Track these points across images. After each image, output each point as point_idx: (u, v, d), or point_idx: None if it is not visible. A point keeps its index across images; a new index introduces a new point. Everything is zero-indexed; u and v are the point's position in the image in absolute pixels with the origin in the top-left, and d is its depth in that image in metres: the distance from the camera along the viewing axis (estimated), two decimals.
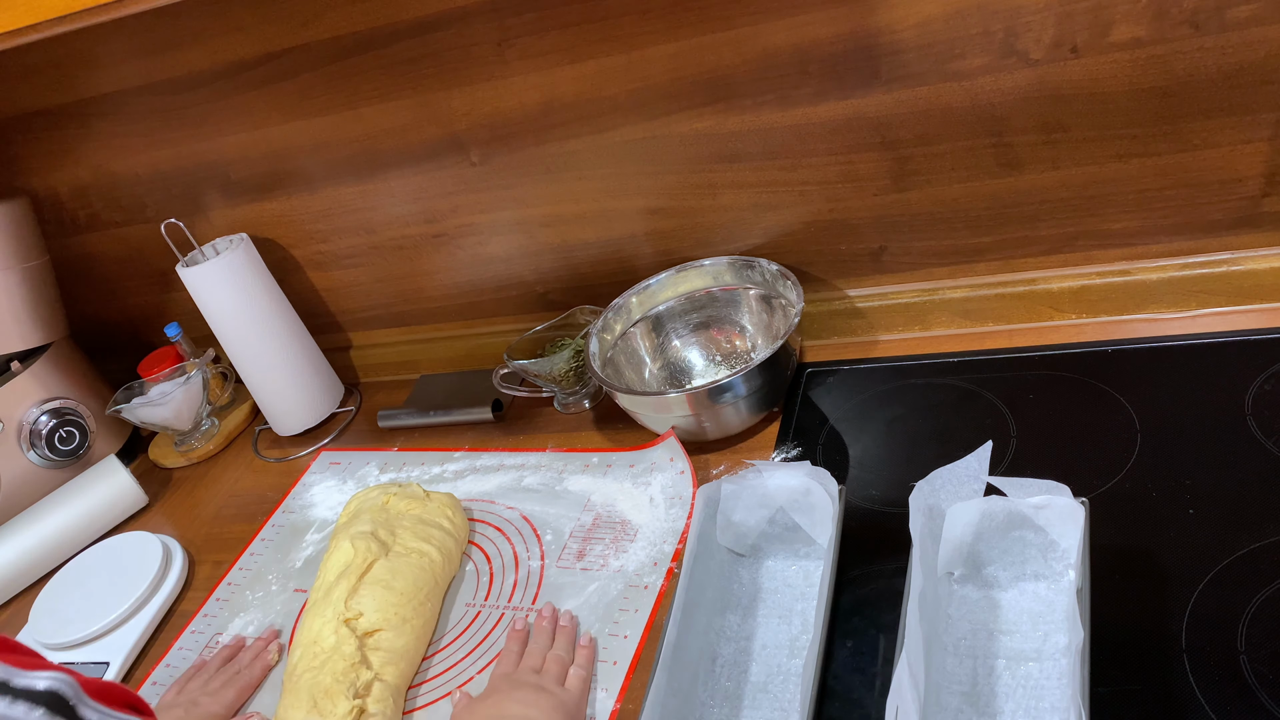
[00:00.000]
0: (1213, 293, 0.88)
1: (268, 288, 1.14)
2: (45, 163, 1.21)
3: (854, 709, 0.66)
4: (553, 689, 0.74)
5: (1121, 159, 0.85)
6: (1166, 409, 0.81)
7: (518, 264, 1.12)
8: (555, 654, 0.78)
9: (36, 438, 1.16)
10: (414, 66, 0.98)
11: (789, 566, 0.78)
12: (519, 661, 0.78)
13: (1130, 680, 0.62)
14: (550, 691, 0.73)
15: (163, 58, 1.06)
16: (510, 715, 0.71)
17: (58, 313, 1.23)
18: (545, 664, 0.77)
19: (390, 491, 0.95)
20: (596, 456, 0.99)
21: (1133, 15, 0.77)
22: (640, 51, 0.91)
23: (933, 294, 0.98)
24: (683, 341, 1.05)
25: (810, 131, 0.91)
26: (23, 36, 0.73)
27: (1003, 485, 0.68)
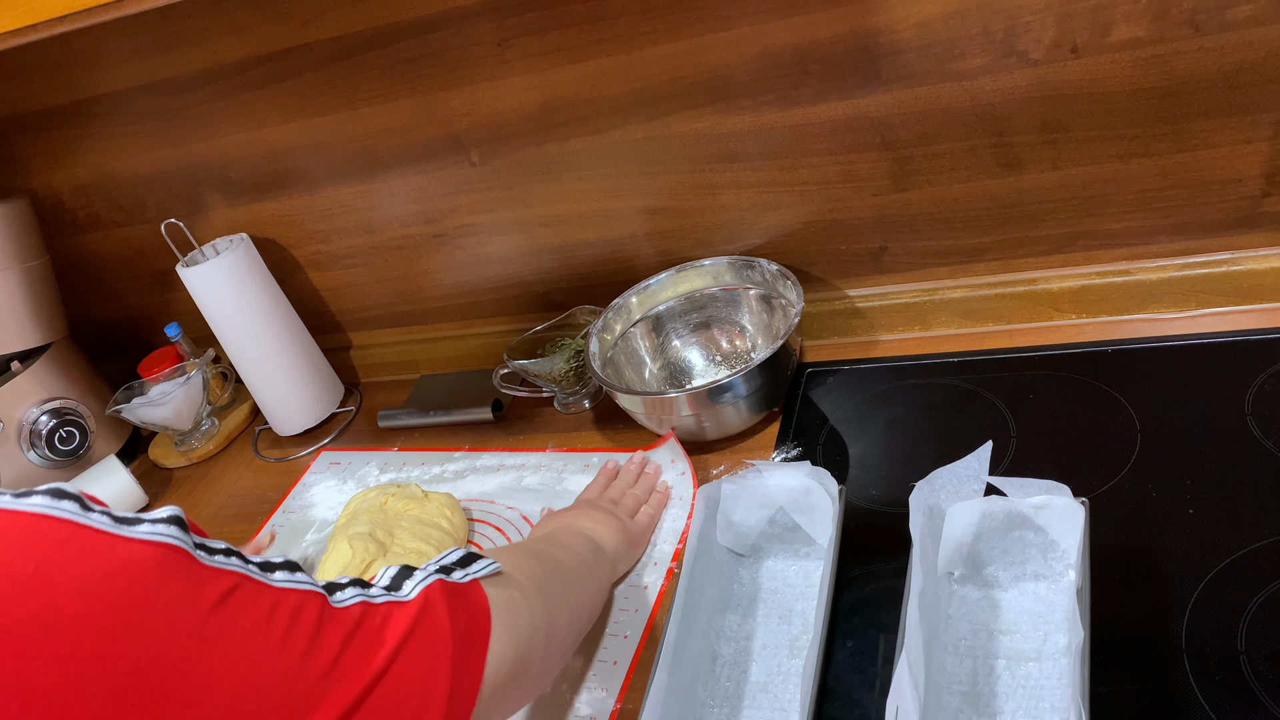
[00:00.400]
0: (1213, 293, 0.88)
1: (268, 288, 1.14)
2: (45, 163, 1.21)
3: (854, 709, 0.66)
4: (623, 517, 0.84)
5: (1121, 159, 0.85)
6: (1166, 409, 0.81)
7: (518, 264, 1.12)
8: (633, 492, 0.89)
9: (36, 438, 1.16)
10: (414, 66, 0.98)
11: (789, 566, 0.78)
12: (602, 492, 0.90)
13: (1130, 680, 0.62)
14: (620, 519, 0.84)
15: (163, 58, 1.06)
16: (580, 525, 0.81)
17: (58, 313, 1.23)
18: (622, 497, 0.88)
19: (389, 492, 0.95)
20: (596, 456, 0.99)
21: (1133, 15, 0.77)
22: (640, 51, 0.91)
23: (933, 294, 0.98)
24: (683, 341, 1.05)
25: (810, 131, 0.91)
26: (23, 36, 0.73)
27: (1003, 485, 0.68)
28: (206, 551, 0.47)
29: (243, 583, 0.47)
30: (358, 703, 0.48)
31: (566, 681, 0.76)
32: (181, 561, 0.45)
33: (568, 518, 0.83)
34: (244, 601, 0.47)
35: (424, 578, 0.56)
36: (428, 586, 0.55)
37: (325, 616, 0.49)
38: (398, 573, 0.56)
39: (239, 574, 0.47)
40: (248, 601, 0.47)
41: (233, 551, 0.48)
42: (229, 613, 0.46)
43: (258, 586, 0.48)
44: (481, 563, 0.60)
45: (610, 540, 0.80)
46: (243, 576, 0.47)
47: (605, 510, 0.84)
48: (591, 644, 0.79)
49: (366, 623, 0.51)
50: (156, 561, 0.44)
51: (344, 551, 0.87)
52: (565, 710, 0.74)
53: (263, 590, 0.48)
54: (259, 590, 0.48)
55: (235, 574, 0.47)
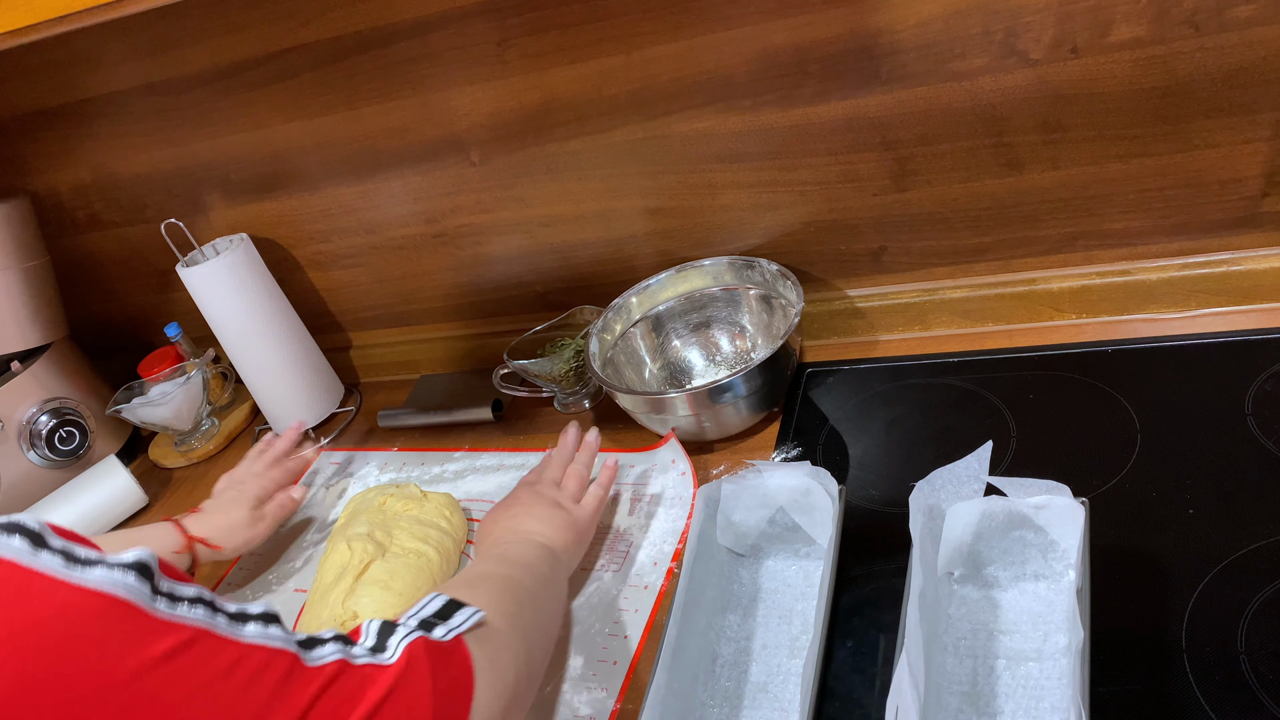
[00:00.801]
0: (1213, 293, 0.88)
1: (268, 288, 1.14)
2: (45, 163, 1.21)
3: (854, 709, 0.66)
4: (567, 505, 0.81)
5: (1121, 159, 0.85)
6: (1166, 409, 0.81)
7: (518, 264, 1.12)
8: (575, 469, 0.85)
9: (36, 438, 1.16)
10: (414, 66, 0.98)
11: (789, 566, 0.78)
12: (543, 473, 0.85)
13: (1130, 680, 0.62)
14: (564, 509, 0.80)
15: (163, 58, 1.06)
16: (525, 530, 0.78)
17: (58, 313, 1.23)
18: (565, 478, 0.84)
19: (388, 492, 0.95)
20: (597, 457, 0.98)
21: (1133, 15, 0.77)
22: (640, 51, 0.91)
23: (933, 294, 0.98)
24: (683, 341, 1.05)
25: (810, 131, 0.91)
26: (23, 36, 0.73)
27: (1003, 485, 0.68)
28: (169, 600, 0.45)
29: (201, 637, 0.45)
30: None
31: (567, 681, 0.77)
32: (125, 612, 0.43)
33: (513, 520, 0.79)
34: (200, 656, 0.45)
35: (406, 635, 0.54)
36: (410, 645, 0.53)
37: (295, 674, 0.47)
38: (381, 629, 0.54)
39: (198, 628, 0.46)
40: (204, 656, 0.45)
41: (203, 601, 0.47)
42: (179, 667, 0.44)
43: (219, 641, 0.46)
44: (464, 614, 0.59)
45: (559, 540, 0.77)
46: (202, 631, 0.46)
47: (549, 501, 0.81)
48: (591, 644, 0.79)
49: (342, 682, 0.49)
50: (96, 611, 0.43)
51: (343, 552, 0.87)
52: (565, 710, 0.74)
53: (224, 645, 0.46)
54: (220, 645, 0.46)
55: (194, 628, 0.45)
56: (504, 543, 0.77)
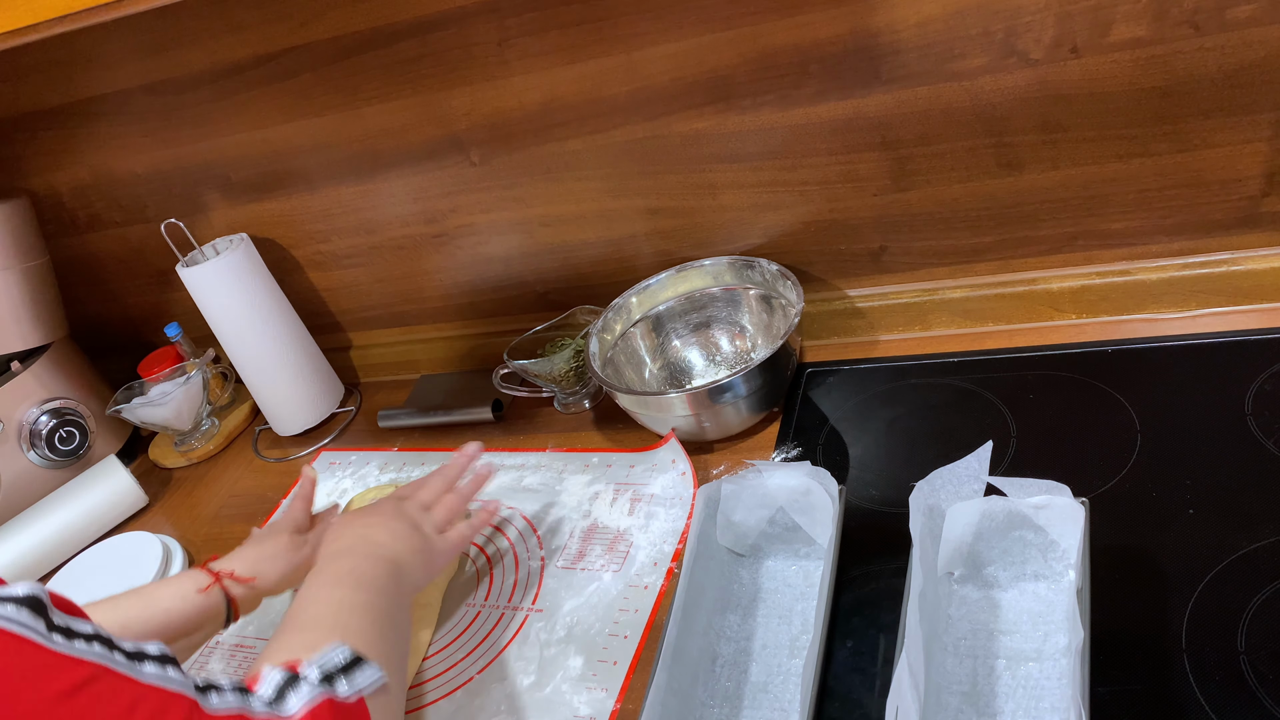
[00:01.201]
0: (1213, 293, 0.88)
1: (268, 288, 1.14)
2: (45, 163, 1.21)
3: (854, 709, 0.66)
4: (428, 532, 0.76)
5: (1121, 159, 0.85)
6: (1166, 409, 0.81)
7: (518, 264, 1.12)
8: (450, 499, 0.80)
9: (36, 438, 1.16)
10: (414, 66, 0.98)
11: (789, 566, 0.78)
12: (418, 491, 0.81)
13: (1130, 680, 0.62)
14: (424, 534, 0.76)
15: (163, 58, 1.06)
16: (374, 539, 0.73)
17: (58, 313, 1.23)
18: (437, 505, 0.80)
19: (387, 493, 0.95)
20: (596, 456, 0.99)
21: (1133, 15, 0.77)
22: (640, 51, 0.91)
23: (933, 294, 0.98)
24: (683, 341, 1.05)
25: (810, 131, 0.91)
26: (23, 36, 0.73)
27: (1003, 485, 0.68)
28: (65, 636, 0.44)
29: (100, 675, 0.44)
30: None
31: (567, 681, 0.77)
32: (20, 647, 0.42)
33: (366, 528, 0.75)
34: (100, 695, 0.44)
35: (310, 693, 0.52)
36: (316, 707, 0.51)
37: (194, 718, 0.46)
38: (282, 682, 0.53)
39: (97, 665, 0.44)
40: (104, 695, 0.44)
41: (99, 637, 0.46)
42: (80, 706, 0.43)
43: (117, 680, 0.45)
44: (369, 674, 0.57)
45: (406, 557, 0.73)
46: (101, 669, 0.44)
47: (410, 522, 0.77)
48: (591, 644, 0.79)
49: None
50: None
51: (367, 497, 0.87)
52: (565, 710, 0.74)
53: (122, 685, 0.45)
54: (119, 684, 0.45)
55: (92, 665, 0.44)
56: (352, 554, 0.72)
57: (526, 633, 0.82)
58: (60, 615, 0.45)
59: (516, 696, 0.77)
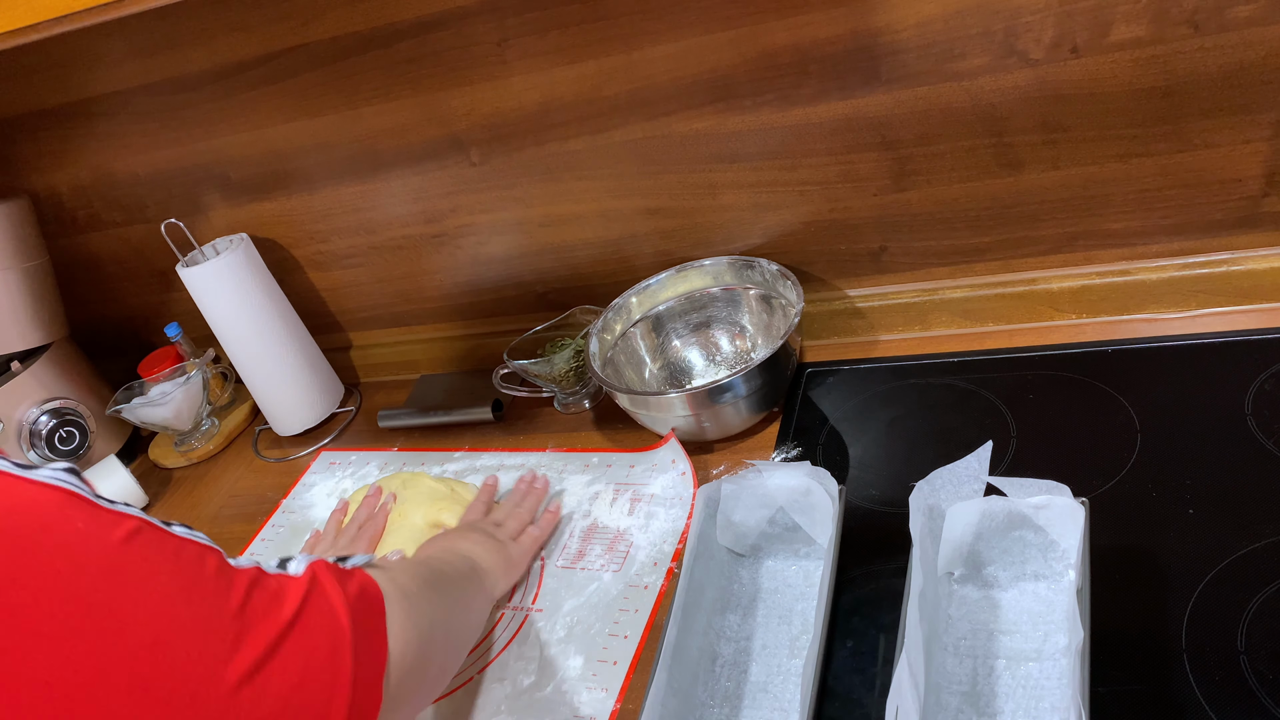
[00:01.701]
0: (1213, 293, 0.88)
1: (268, 288, 1.14)
2: (45, 163, 1.21)
3: (854, 709, 0.66)
4: (504, 539, 0.85)
5: (1121, 159, 0.85)
6: (1166, 409, 0.81)
7: (518, 264, 1.12)
8: (518, 510, 0.89)
9: (36, 438, 1.16)
10: (414, 66, 0.98)
11: (789, 566, 0.78)
12: (486, 512, 0.90)
13: (1130, 680, 0.62)
14: (500, 541, 0.84)
15: (163, 58, 1.06)
16: (459, 548, 0.81)
17: (58, 313, 1.23)
18: (506, 518, 0.88)
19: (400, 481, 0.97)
20: (596, 456, 0.99)
21: (1133, 15, 0.77)
22: (640, 51, 0.91)
23: (933, 294, 0.98)
24: (683, 341, 1.05)
25: (810, 131, 0.91)
26: (23, 36, 0.73)
27: (1003, 485, 0.68)
28: (106, 500, 0.49)
29: (145, 527, 0.49)
30: (275, 645, 0.49)
31: (567, 681, 0.77)
32: (82, 503, 0.47)
33: (446, 541, 0.83)
34: (150, 542, 0.48)
35: (305, 560, 0.57)
36: (311, 563, 0.56)
37: (225, 568, 0.51)
38: (279, 560, 0.57)
39: (140, 519, 0.49)
40: (153, 543, 0.49)
41: (130, 505, 0.50)
42: (138, 550, 0.47)
43: (160, 532, 0.50)
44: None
45: (486, 560, 0.80)
46: (145, 522, 0.49)
47: (485, 532, 0.85)
48: (591, 644, 0.79)
49: (264, 582, 0.52)
50: (58, 502, 0.46)
51: None
52: (565, 710, 0.74)
53: (165, 536, 0.50)
54: (162, 535, 0.50)
55: (137, 518, 0.49)
56: (430, 553, 0.80)
57: (526, 633, 0.82)
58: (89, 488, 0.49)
59: (516, 696, 0.77)
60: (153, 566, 0.48)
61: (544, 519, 0.90)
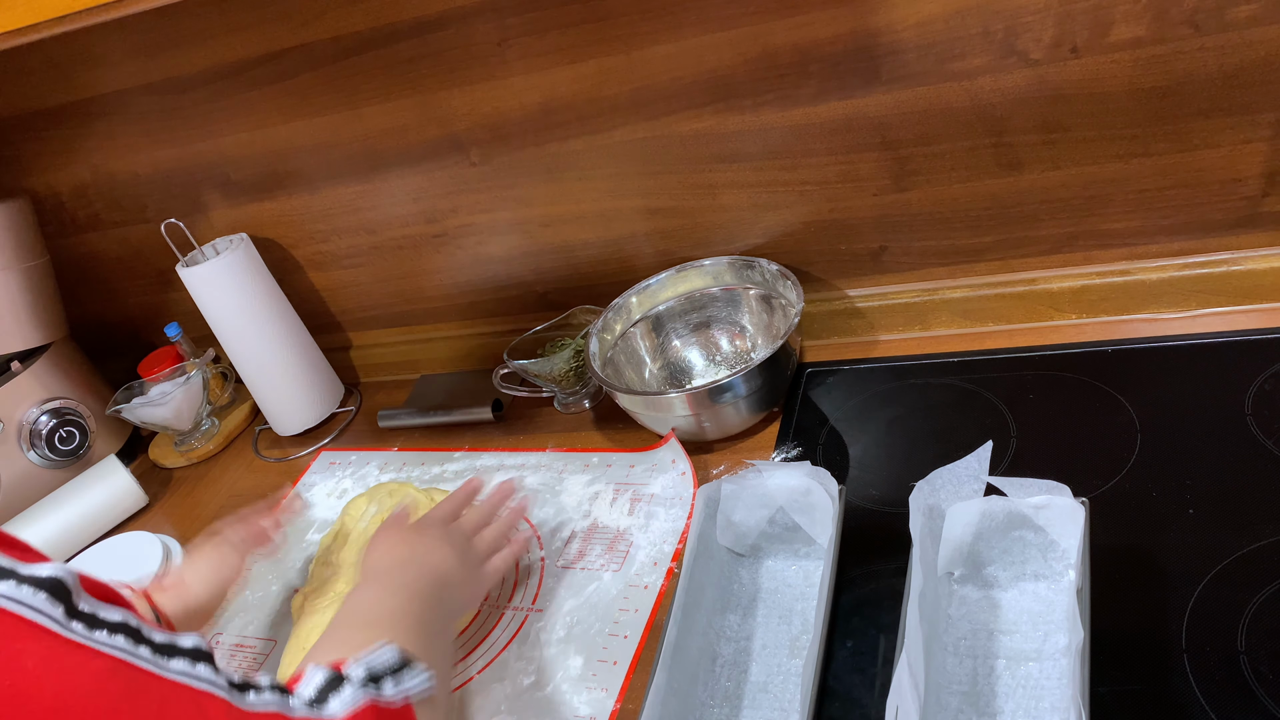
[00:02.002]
0: (1213, 293, 0.88)
1: (268, 288, 1.14)
2: (45, 163, 1.21)
3: (854, 709, 0.66)
4: (473, 565, 0.77)
5: (1121, 159, 0.85)
6: (1166, 409, 0.81)
7: (518, 264, 1.12)
8: (497, 527, 0.81)
9: (36, 438, 1.16)
10: (414, 66, 0.98)
11: (789, 566, 0.78)
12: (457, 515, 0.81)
13: (1130, 680, 0.62)
14: (469, 564, 0.77)
15: (163, 58, 1.06)
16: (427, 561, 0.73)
17: (58, 313, 1.24)
18: (479, 537, 0.80)
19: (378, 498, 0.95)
20: (596, 456, 0.99)
21: (1133, 15, 0.77)
22: (640, 51, 0.91)
23: (933, 294, 0.98)
24: (683, 341, 1.05)
25: (810, 131, 0.91)
26: (23, 36, 0.73)
27: (1003, 485, 0.68)
28: (86, 624, 0.42)
29: (118, 669, 0.42)
30: None
31: (567, 681, 0.77)
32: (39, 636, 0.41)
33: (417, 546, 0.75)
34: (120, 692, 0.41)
35: (354, 696, 0.49)
36: (359, 711, 0.49)
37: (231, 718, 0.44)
38: (325, 682, 0.50)
39: (114, 659, 0.42)
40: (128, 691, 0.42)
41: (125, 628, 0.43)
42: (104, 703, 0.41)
43: (139, 675, 0.42)
44: (417, 675, 0.55)
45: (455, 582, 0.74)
46: (119, 663, 0.42)
47: (458, 551, 0.76)
48: (591, 644, 0.79)
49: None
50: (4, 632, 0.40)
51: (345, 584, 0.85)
52: (565, 710, 0.74)
53: (147, 682, 0.42)
54: (141, 681, 0.42)
55: (109, 659, 0.42)
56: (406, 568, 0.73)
57: (526, 633, 0.82)
58: (89, 601, 0.43)
59: (516, 696, 0.77)
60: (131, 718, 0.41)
61: (516, 543, 0.83)
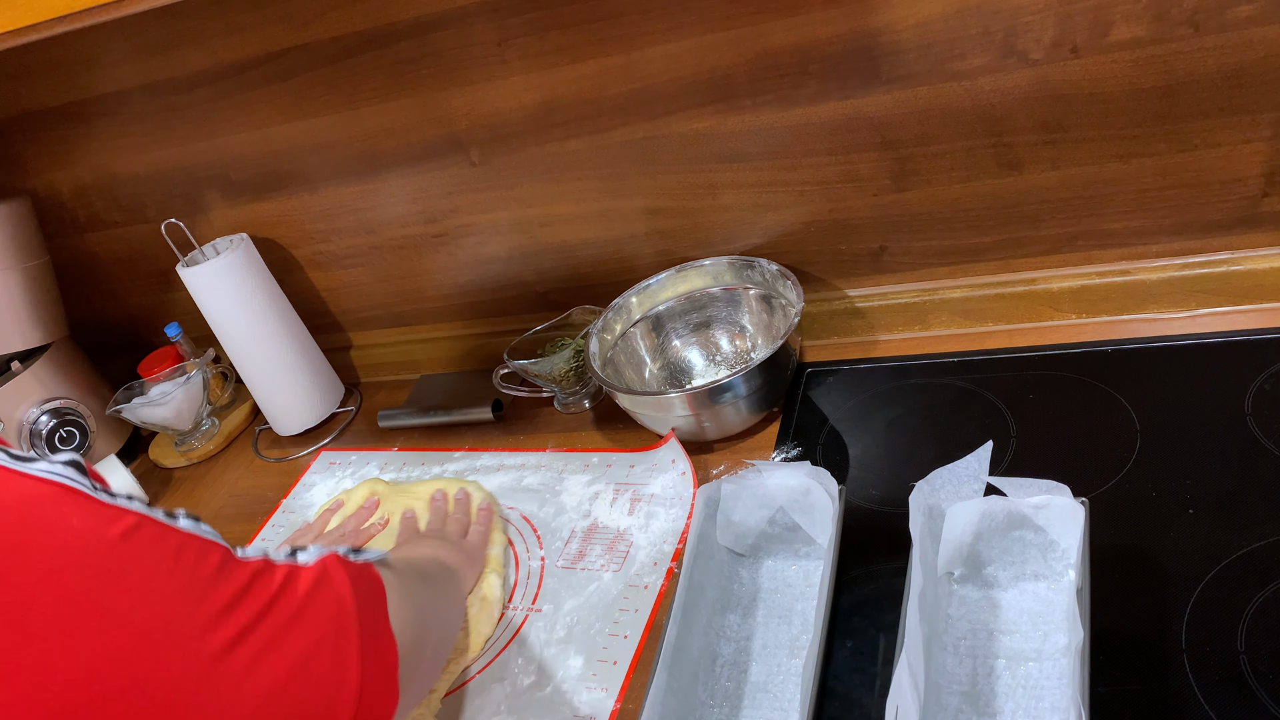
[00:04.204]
0: (1213, 293, 0.88)
1: (268, 288, 1.14)
2: (45, 163, 1.21)
3: (854, 709, 0.66)
4: (455, 540, 0.86)
5: (1121, 159, 0.85)
6: (1166, 409, 0.81)
7: (518, 264, 1.12)
8: (455, 516, 0.90)
9: (36, 438, 1.16)
10: (414, 66, 0.98)
11: (789, 566, 0.78)
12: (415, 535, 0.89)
13: (1130, 680, 0.62)
14: (453, 543, 0.85)
15: (163, 58, 1.06)
16: (418, 554, 0.81)
17: (58, 313, 1.23)
18: (443, 526, 0.89)
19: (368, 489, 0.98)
20: (596, 456, 0.99)
21: (1133, 15, 0.77)
22: (640, 51, 0.91)
23: (933, 294, 0.98)
24: (683, 341, 1.05)
25: (810, 131, 0.91)
26: (23, 36, 0.73)
27: (1003, 485, 0.68)
28: (108, 494, 0.48)
29: (145, 522, 0.49)
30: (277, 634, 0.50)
31: (567, 681, 0.77)
32: (79, 499, 0.47)
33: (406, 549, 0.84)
34: (149, 539, 0.48)
35: (319, 551, 0.57)
36: (324, 556, 0.57)
37: (229, 562, 0.51)
38: (291, 550, 0.58)
39: (141, 514, 0.49)
40: (153, 539, 0.49)
41: (134, 498, 0.50)
42: (135, 548, 0.48)
43: (160, 528, 0.49)
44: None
45: (451, 558, 0.82)
46: (145, 517, 0.49)
47: (434, 538, 0.86)
48: (591, 644, 0.79)
49: (270, 572, 0.53)
50: (53, 497, 0.46)
51: None
52: (565, 710, 0.74)
53: (166, 532, 0.50)
54: (162, 531, 0.49)
55: (138, 514, 0.49)
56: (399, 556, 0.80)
57: (526, 633, 0.82)
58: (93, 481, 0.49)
59: (516, 696, 0.77)
60: (150, 565, 0.48)
61: (482, 516, 0.91)
